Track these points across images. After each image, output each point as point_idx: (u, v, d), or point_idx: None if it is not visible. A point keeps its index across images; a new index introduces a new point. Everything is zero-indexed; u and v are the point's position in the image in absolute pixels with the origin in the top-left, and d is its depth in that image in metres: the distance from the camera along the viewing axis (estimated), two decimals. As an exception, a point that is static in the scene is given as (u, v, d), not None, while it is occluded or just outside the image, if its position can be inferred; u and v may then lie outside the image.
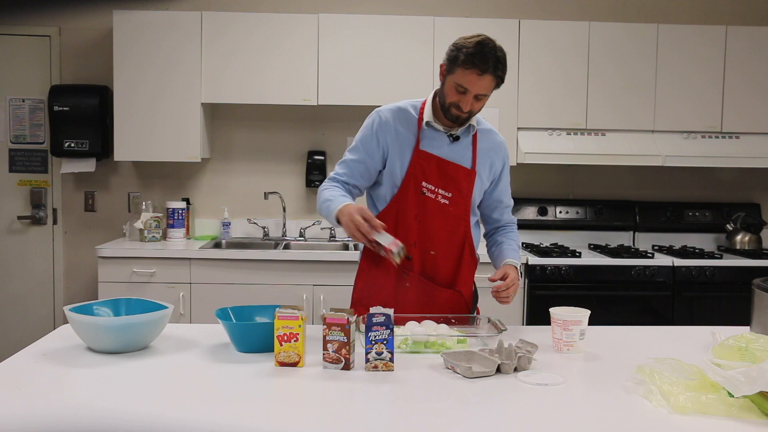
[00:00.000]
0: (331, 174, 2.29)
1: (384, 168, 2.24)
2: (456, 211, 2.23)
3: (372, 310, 1.75)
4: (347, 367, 1.71)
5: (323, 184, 2.26)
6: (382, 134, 2.22)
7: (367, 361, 1.72)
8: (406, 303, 2.18)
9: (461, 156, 2.24)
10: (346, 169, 2.26)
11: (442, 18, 4.09)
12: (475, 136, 2.26)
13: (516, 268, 2.23)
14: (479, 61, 2.04)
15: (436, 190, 2.21)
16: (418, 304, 2.18)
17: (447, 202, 2.22)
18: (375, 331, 1.72)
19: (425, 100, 2.26)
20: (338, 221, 2.08)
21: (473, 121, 2.23)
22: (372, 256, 2.25)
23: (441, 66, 2.16)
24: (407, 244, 2.16)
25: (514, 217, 2.47)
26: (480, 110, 2.18)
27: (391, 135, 2.21)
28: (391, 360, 1.72)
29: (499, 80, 2.11)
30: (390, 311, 1.74)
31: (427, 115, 2.22)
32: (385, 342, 1.72)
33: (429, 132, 2.22)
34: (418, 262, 2.23)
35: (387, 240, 2.01)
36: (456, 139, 2.23)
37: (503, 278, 2.18)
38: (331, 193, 2.18)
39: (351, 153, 2.26)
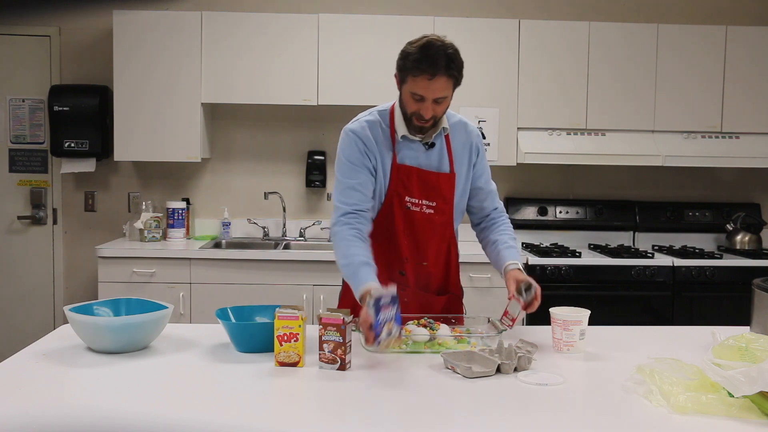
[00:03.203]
0: (338, 207, 2.08)
1: None
2: (441, 218, 2.20)
3: (374, 293, 1.76)
4: (343, 367, 1.71)
5: (338, 227, 2.06)
6: (370, 152, 2.13)
7: (379, 343, 1.73)
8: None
9: (439, 162, 2.18)
10: (359, 194, 2.09)
11: (442, 18, 4.09)
12: (447, 137, 2.19)
13: (520, 270, 2.13)
14: (427, 65, 1.95)
15: (420, 202, 2.16)
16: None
17: (432, 211, 2.17)
18: (384, 312, 1.73)
19: (392, 109, 2.17)
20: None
21: (444, 122, 2.15)
22: None
23: (395, 76, 2.09)
24: (399, 259, 2.15)
25: (500, 203, 2.35)
26: (444, 113, 2.10)
27: (375, 152, 2.13)
28: (400, 334, 1.78)
29: (455, 79, 2.01)
30: (393, 290, 1.77)
31: (400, 127, 2.13)
32: (392, 320, 1.74)
33: (404, 143, 2.15)
34: (412, 276, 2.19)
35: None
36: (432, 146, 2.16)
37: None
38: (353, 256, 1.98)
39: (350, 177, 2.10)
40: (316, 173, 4.36)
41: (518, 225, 4.27)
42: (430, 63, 1.95)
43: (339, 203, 2.10)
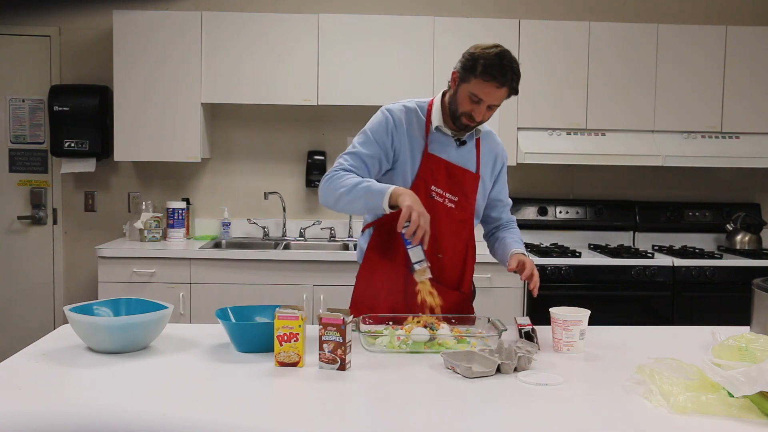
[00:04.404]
0: (341, 163, 2.15)
1: (393, 169, 2.21)
2: (461, 215, 2.24)
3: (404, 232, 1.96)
4: (343, 367, 1.71)
5: (335, 172, 2.12)
6: (396, 134, 2.19)
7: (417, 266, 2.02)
8: (415, 306, 2.17)
9: (467, 160, 2.24)
10: (360, 162, 2.15)
11: (442, 18, 4.09)
12: (478, 141, 2.27)
13: (524, 254, 2.23)
14: (499, 73, 2.04)
15: (444, 194, 2.21)
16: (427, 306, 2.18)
17: (453, 206, 2.22)
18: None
19: (432, 101, 2.25)
20: (389, 202, 1.99)
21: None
22: (376, 257, 2.24)
23: (453, 73, 2.14)
24: None
25: (513, 216, 2.48)
26: (489, 119, 2.18)
27: (403, 136, 2.19)
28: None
29: (514, 92, 2.11)
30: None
31: (437, 119, 2.20)
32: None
33: (437, 135, 2.22)
34: None
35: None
36: (463, 143, 2.24)
37: (519, 266, 2.16)
38: (359, 179, 2.07)
39: (364, 147, 2.17)
40: (316, 173, 4.36)
41: (518, 225, 4.27)
42: (502, 73, 2.05)
43: (342, 160, 2.17)
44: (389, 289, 2.23)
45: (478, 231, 2.40)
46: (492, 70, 2.04)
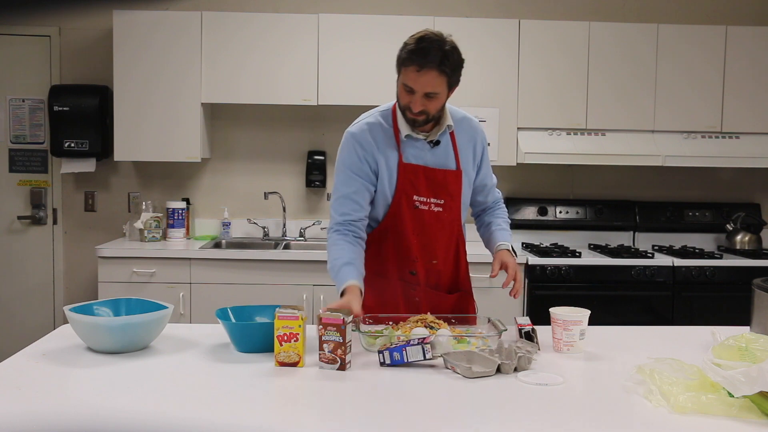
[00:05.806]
0: (333, 217, 2.14)
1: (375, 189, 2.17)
2: (450, 216, 2.21)
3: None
4: (342, 367, 1.72)
5: (329, 235, 2.14)
6: (369, 156, 2.13)
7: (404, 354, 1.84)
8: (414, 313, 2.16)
9: (445, 159, 2.18)
10: (349, 204, 2.12)
11: (442, 18, 4.08)
12: (452, 134, 2.19)
13: (509, 251, 2.20)
14: (417, 56, 1.96)
15: (428, 200, 2.16)
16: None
17: (440, 209, 2.18)
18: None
19: (394, 108, 2.16)
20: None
21: (448, 119, 2.15)
22: (373, 269, 2.19)
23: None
24: (409, 259, 2.15)
25: (499, 192, 2.42)
26: (436, 111, 2.07)
27: (376, 154, 2.13)
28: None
29: (447, 76, 2.00)
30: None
31: (404, 127, 2.12)
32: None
33: (408, 142, 2.14)
34: (422, 275, 2.20)
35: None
36: (436, 144, 2.16)
37: (502, 268, 2.15)
38: (336, 255, 2.08)
39: (346, 186, 2.12)
40: (316, 173, 4.36)
41: (518, 225, 4.28)
42: (421, 55, 1.96)
43: (333, 211, 2.17)
44: (386, 301, 2.20)
45: (472, 228, 2.39)
46: (411, 55, 1.97)
